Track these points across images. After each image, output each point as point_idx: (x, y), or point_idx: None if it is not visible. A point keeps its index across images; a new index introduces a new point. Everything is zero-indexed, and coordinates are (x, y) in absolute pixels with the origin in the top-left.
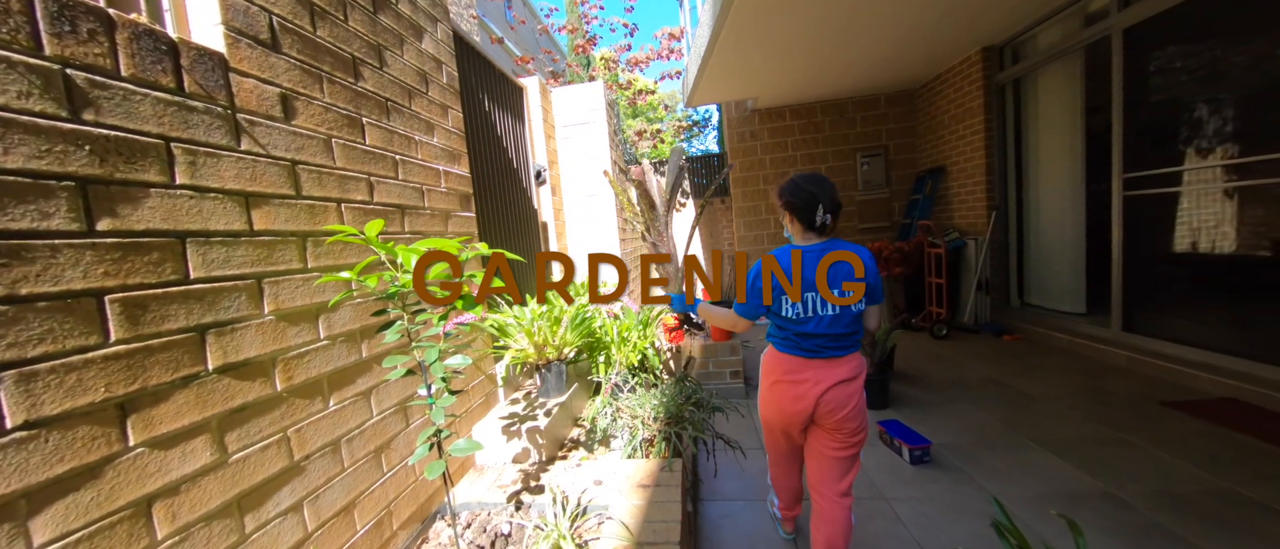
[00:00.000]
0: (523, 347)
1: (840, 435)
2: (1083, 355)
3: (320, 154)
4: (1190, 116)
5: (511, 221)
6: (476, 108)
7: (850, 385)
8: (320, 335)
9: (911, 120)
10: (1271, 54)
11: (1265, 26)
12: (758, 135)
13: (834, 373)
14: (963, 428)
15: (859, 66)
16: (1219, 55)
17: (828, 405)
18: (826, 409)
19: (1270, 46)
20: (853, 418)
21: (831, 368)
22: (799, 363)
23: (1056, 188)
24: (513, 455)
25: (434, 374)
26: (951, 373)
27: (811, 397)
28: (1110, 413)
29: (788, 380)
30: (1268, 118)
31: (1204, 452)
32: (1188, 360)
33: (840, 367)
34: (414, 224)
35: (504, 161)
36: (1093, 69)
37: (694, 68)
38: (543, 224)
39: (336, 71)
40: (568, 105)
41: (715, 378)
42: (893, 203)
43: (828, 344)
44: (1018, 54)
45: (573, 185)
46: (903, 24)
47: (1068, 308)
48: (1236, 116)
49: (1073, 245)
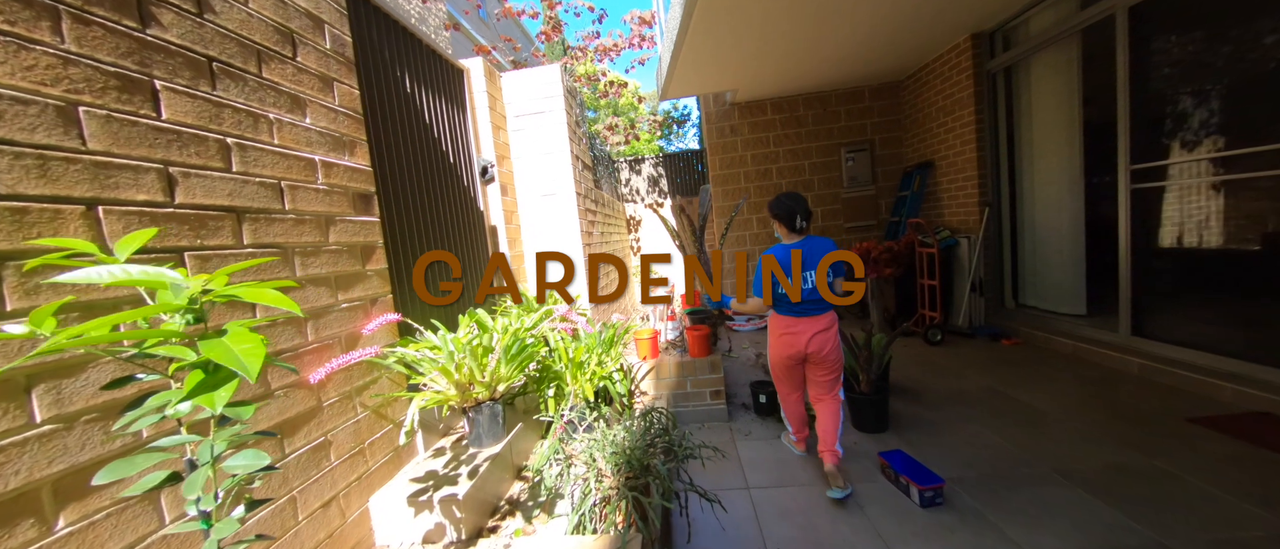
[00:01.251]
0: (441, 389)
1: (825, 366)
2: (1089, 362)
3: (48, 128)
4: (1206, 101)
5: (447, 226)
6: (391, 88)
7: (827, 333)
8: (35, 418)
9: (897, 113)
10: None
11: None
12: (738, 130)
13: (814, 325)
14: (974, 456)
15: (841, 55)
16: (1240, 33)
17: (814, 346)
18: (813, 348)
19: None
20: (832, 353)
21: (812, 322)
22: (793, 320)
23: (1052, 182)
24: (424, 534)
25: (216, 476)
26: (951, 384)
27: (802, 341)
28: (1135, 433)
29: (788, 333)
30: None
31: (1254, 483)
32: (1208, 369)
33: (818, 321)
34: (265, 233)
35: (436, 155)
36: (1090, 54)
37: (667, 56)
38: (491, 228)
39: (91, 5)
40: (520, 92)
41: (694, 399)
42: (879, 200)
43: (809, 307)
44: (1009, 41)
45: (528, 184)
46: (886, 4)
47: (1067, 309)
48: (1259, 100)
49: (1071, 243)
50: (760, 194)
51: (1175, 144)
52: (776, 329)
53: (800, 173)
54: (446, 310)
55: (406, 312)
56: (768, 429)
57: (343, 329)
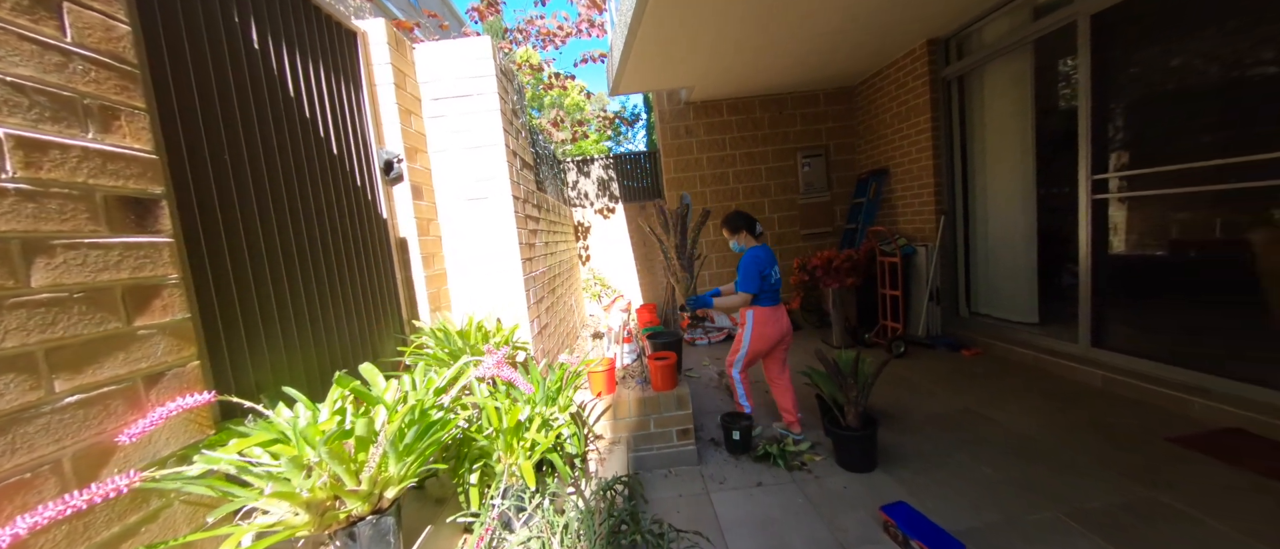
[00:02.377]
0: (282, 516)
1: (784, 344)
2: (1052, 375)
3: None
4: (1170, 112)
5: (327, 241)
6: (216, 36)
7: (788, 319)
8: None
9: (851, 119)
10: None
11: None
12: (693, 131)
13: (784, 312)
14: (979, 500)
15: (799, 54)
16: (1202, 45)
17: (786, 326)
18: (786, 327)
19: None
20: (790, 333)
21: (783, 310)
22: (774, 309)
23: (1006, 192)
24: None
25: None
26: (925, 404)
27: (785, 324)
28: (1124, 460)
29: (773, 319)
30: (1258, 115)
31: (1257, 514)
32: (1173, 382)
33: (783, 308)
34: None
35: (309, 142)
36: (1044, 65)
37: (619, 47)
38: (400, 242)
39: None
40: (440, 69)
41: (658, 440)
42: (835, 206)
43: (779, 297)
44: (963, 49)
45: (452, 184)
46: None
47: (1019, 318)
48: (1220, 113)
49: (1024, 253)
50: (717, 199)
51: (1136, 155)
52: (762, 318)
53: (757, 177)
54: (333, 361)
55: (238, 379)
56: (743, 474)
57: (69, 442)
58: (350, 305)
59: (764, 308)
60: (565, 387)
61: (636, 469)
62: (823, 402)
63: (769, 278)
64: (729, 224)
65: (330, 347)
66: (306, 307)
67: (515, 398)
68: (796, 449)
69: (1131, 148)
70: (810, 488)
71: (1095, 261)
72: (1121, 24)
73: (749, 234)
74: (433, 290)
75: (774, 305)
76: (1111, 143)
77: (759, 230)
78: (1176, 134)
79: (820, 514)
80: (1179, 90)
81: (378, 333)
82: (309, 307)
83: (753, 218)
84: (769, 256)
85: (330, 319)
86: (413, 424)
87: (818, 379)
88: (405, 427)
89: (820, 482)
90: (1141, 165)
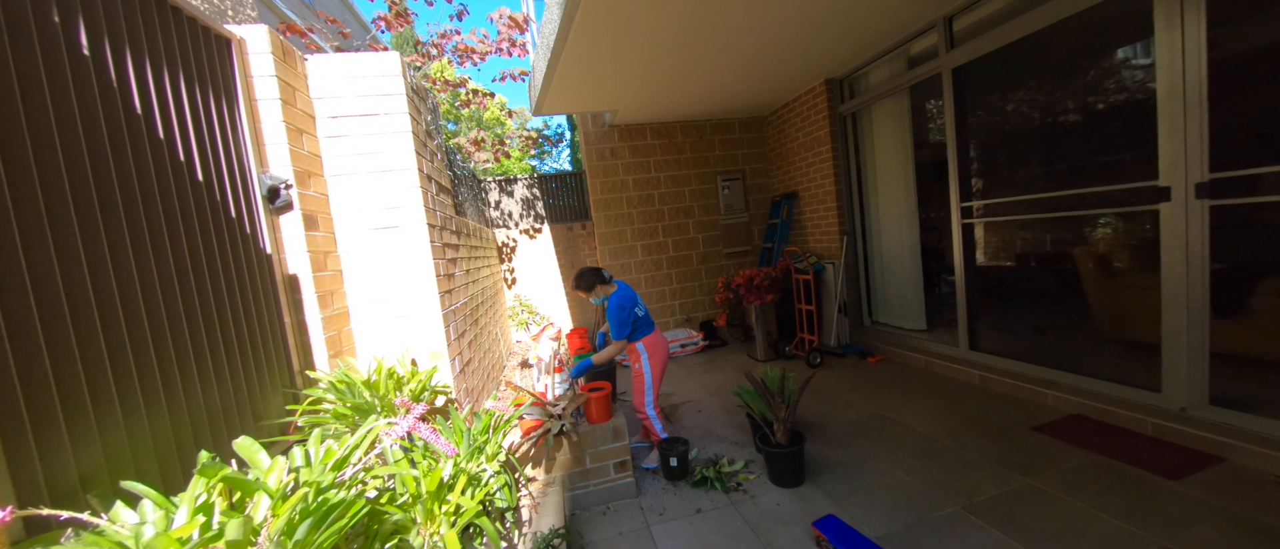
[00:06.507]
0: None
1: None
2: (941, 376)
3: None
4: (1010, 150)
5: (189, 284)
6: (33, 39)
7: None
8: None
9: (763, 146)
10: (1063, 101)
11: (1072, 73)
12: (618, 153)
13: (659, 332)
14: (894, 502)
15: (716, 84)
16: (1032, 97)
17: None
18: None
19: (1066, 94)
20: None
21: (658, 330)
22: (655, 333)
23: (895, 214)
24: None
25: None
26: (841, 412)
27: (667, 343)
28: (1003, 451)
29: (660, 343)
30: (1068, 153)
31: (1103, 491)
32: (1030, 377)
33: (658, 329)
34: None
35: (165, 166)
36: (917, 106)
37: (542, 67)
38: (289, 279)
39: None
40: (339, 84)
41: (595, 475)
42: (752, 226)
43: (652, 322)
44: (855, 89)
45: (354, 212)
46: (754, 45)
47: (911, 325)
48: (1054, 153)
49: (911, 267)
50: (644, 220)
51: (990, 184)
52: (652, 346)
53: (681, 199)
54: (198, 429)
55: (55, 477)
56: (682, 501)
57: None
58: (222, 358)
59: (649, 337)
60: (494, 434)
61: (573, 510)
62: (753, 420)
63: (639, 314)
64: (582, 286)
65: (194, 412)
66: (158, 366)
67: (437, 454)
68: (732, 470)
69: (986, 178)
70: (747, 509)
71: (967, 275)
72: (976, 77)
73: (602, 284)
74: (331, 333)
75: (652, 330)
76: (973, 173)
77: (607, 275)
78: (1016, 167)
79: (759, 537)
80: (1015, 132)
81: (261, 389)
82: (161, 365)
83: (598, 268)
84: (631, 295)
85: (193, 378)
86: (307, 515)
87: (748, 398)
88: (296, 519)
89: (756, 502)
90: (993, 194)
